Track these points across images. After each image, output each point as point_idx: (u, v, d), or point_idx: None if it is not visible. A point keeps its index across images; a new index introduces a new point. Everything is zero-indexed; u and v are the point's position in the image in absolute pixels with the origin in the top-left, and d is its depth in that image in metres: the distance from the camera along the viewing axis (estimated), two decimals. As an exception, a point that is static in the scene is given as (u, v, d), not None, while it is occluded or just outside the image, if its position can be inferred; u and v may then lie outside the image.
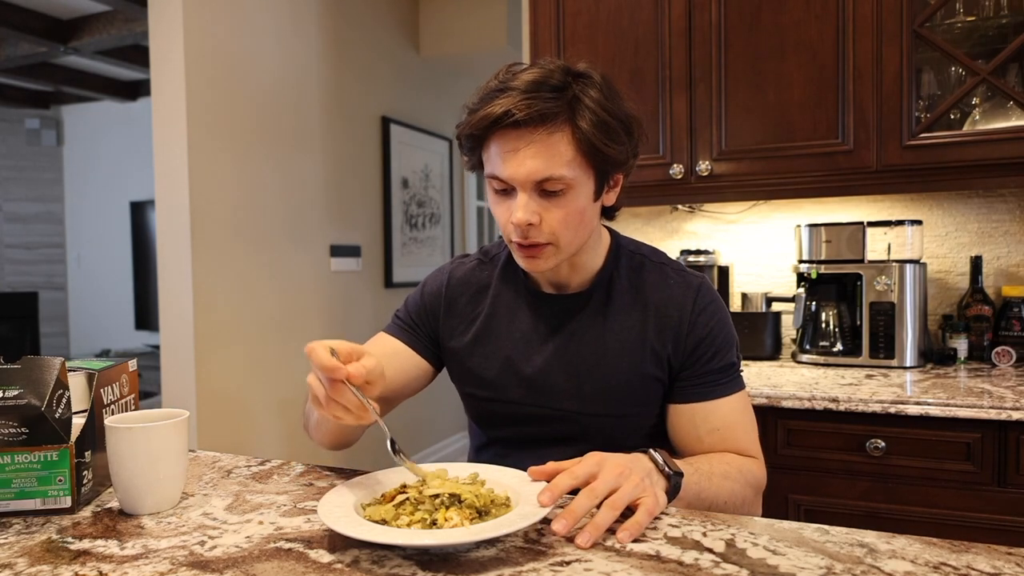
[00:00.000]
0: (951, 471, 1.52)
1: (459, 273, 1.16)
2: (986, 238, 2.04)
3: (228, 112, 2.68)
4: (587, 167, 0.95)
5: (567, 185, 0.94)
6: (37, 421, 0.83)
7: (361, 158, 3.49)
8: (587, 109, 0.92)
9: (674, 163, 2.03)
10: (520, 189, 0.94)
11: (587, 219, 0.99)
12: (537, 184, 0.93)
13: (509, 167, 0.93)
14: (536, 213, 0.95)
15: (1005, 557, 0.67)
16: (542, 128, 0.91)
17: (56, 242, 6.05)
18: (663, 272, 1.07)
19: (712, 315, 1.04)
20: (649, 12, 2.05)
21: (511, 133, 0.92)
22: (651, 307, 1.05)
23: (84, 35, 4.23)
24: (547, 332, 1.07)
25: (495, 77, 0.97)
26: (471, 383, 1.12)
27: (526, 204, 0.94)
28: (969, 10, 1.86)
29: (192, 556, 0.71)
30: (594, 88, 0.95)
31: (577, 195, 0.96)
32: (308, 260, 3.12)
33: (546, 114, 0.90)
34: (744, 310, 2.16)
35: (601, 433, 1.05)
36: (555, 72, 0.94)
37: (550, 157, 0.92)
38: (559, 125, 0.92)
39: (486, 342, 1.10)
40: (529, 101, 0.90)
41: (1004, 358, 1.87)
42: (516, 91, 0.91)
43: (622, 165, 0.99)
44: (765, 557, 0.68)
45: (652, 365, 1.03)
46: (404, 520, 0.74)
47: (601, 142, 0.93)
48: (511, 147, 0.92)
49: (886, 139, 1.82)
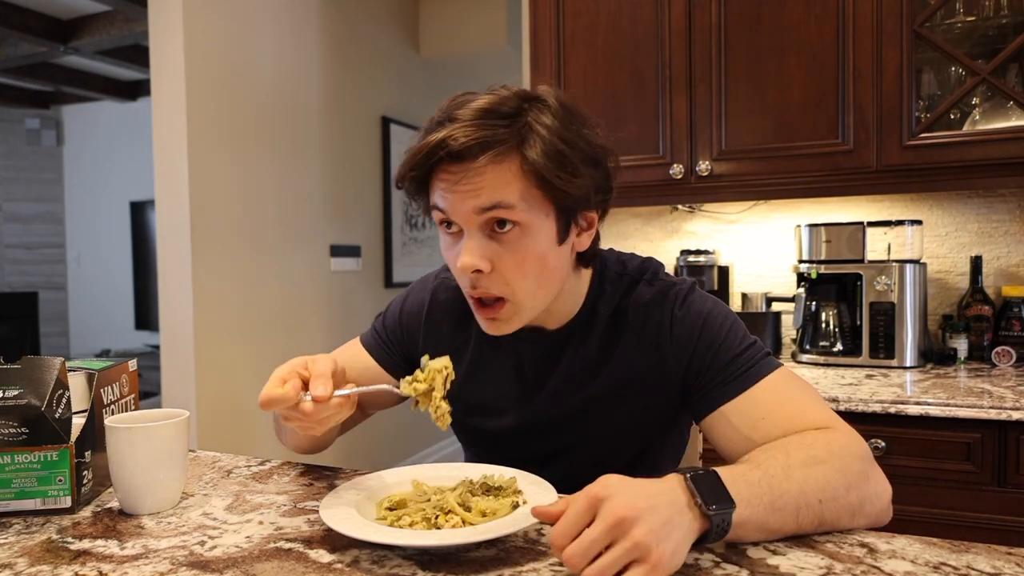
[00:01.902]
0: (951, 471, 1.52)
1: (442, 296, 1.06)
2: (986, 238, 2.04)
3: (228, 112, 2.68)
4: (544, 204, 0.83)
5: (519, 223, 0.82)
6: (37, 421, 0.83)
7: (361, 158, 3.49)
8: (538, 137, 0.80)
9: (674, 163, 2.03)
10: (466, 229, 0.83)
11: (550, 267, 0.86)
12: (485, 222, 0.82)
13: (449, 200, 0.82)
14: (486, 258, 0.83)
15: (1005, 557, 0.67)
16: (485, 158, 0.79)
17: (56, 242, 6.05)
18: (641, 292, 0.96)
19: (694, 319, 0.92)
20: (649, 12, 2.05)
21: (453, 166, 0.81)
22: (632, 333, 0.94)
23: (84, 35, 4.23)
24: (532, 374, 0.98)
25: (439, 108, 0.85)
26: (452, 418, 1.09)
27: (473, 247, 0.82)
28: (969, 10, 1.86)
29: (192, 556, 0.71)
30: (548, 114, 0.83)
31: (534, 237, 0.83)
32: (308, 260, 3.12)
33: (489, 142, 0.79)
34: (744, 310, 2.16)
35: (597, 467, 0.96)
36: (509, 99, 0.82)
37: (495, 187, 0.80)
38: (505, 154, 0.80)
39: (468, 382, 1.01)
40: (469, 130, 0.79)
41: (1004, 358, 1.87)
42: (458, 121, 0.80)
43: (585, 201, 0.86)
44: (765, 557, 0.68)
45: (641, 393, 0.94)
46: (405, 520, 0.75)
47: (553, 174, 0.80)
48: (453, 179, 0.81)
49: (886, 139, 1.82)
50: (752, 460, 0.75)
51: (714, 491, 0.66)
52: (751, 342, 0.91)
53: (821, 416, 0.84)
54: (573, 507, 0.62)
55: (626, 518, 0.60)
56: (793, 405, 0.85)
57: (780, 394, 0.87)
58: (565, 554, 0.60)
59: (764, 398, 0.86)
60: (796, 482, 0.71)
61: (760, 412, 0.85)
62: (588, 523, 0.61)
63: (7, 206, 5.96)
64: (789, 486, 0.71)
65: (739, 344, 0.90)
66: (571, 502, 0.63)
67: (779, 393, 0.87)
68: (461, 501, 0.76)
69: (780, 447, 0.77)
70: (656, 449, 1.03)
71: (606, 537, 0.60)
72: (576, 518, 0.62)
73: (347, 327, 3.33)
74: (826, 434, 0.81)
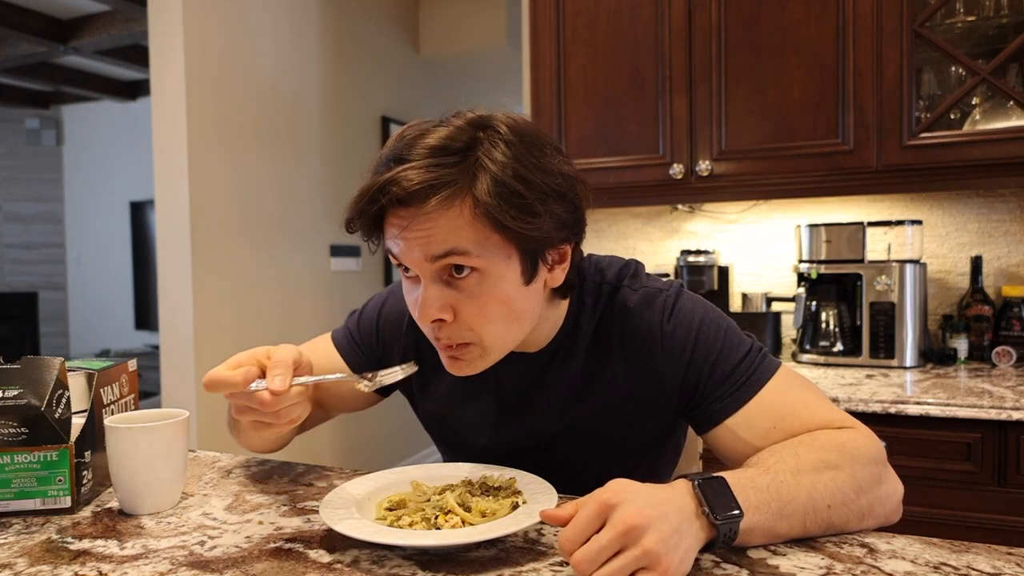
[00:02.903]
0: (951, 471, 1.52)
1: None
2: (986, 238, 2.04)
3: (228, 112, 2.68)
4: (503, 246, 0.76)
5: (476, 269, 0.76)
6: (37, 421, 0.83)
7: (361, 158, 3.49)
8: (489, 176, 0.73)
9: (674, 163, 2.03)
10: (422, 276, 0.78)
11: (518, 309, 0.80)
12: (440, 269, 0.76)
13: (400, 247, 0.77)
14: (446, 307, 0.77)
15: (1005, 557, 0.67)
16: (434, 201, 0.72)
17: (56, 242, 6.05)
18: (625, 298, 0.90)
19: (686, 330, 0.86)
20: (649, 12, 2.05)
21: (402, 211, 0.74)
22: (618, 347, 0.89)
23: (84, 35, 4.23)
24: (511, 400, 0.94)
25: (393, 139, 0.79)
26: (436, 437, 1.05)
27: (431, 297, 0.77)
28: (969, 10, 1.86)
29: (192, 556, 0.71)
30: (499, 146, 0.75)
31: (495, 282, 0.77)
32: (308, 260, 3.12)
33: (436, 185, 0.72)
34: (744, 310, 2.16)
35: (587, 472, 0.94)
36: (463, 130, 0.75)
37: (447, 233, 0.74)
38: (455, 196, 0.73)
39: (450, 403, 0.98)
40: (415, 172, 0.72)
41: (1004, 358, 1.87)
42: (406, 161, 0.74)
43: (548, 240, 0.78)
44: (765, 557, 0.68)
45: (634, 412, 0.91)
46: (405, 520, 0.75)
47: (507, 216, 0.73)
48: (402, 224, 0.75)
49: (886, 139, 1.82)
50: (761, 463, 0.73)
51: (722, 499, 0.65)
52: (748, 347, 0.87)
53: (830, 417, 0.82)
54: (583, 512, 0.62)
55: (636, 526, 0.59)
56: (803, 408, 0.83)
57: (786, 400, 0.84)
58: (574, 559, 0.60)
59: (771, 406, 0.83)
60: (805, 488, 0.70)
61: (767, 423, 0.82)
62: (597, 529, 0.60)
63: (7, 206, 5.96)
64: (798, 492, 0.69)
65: (736, 351, 0.86)
66: (580, 506, 0.62)
67: (785, 398, 0.84)
68: (461, 501, 0.76)
69: (790, 449, 0.75)
70: (650, 463, 1.00)
71: (616, 544, 0.59)
72: (586, 523, 0.61)
73: (347, 327, 3.33)
74: (839, 435, 0.78)
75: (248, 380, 0.74)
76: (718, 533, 0.64)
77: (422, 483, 0.84)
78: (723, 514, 0.64)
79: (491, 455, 0.94)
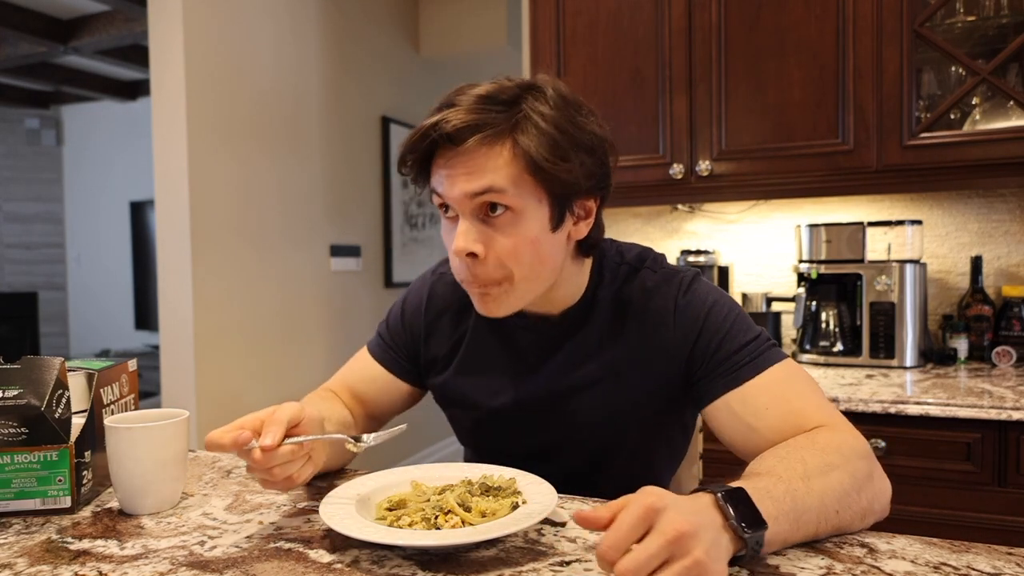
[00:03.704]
0: (951, 471, 1.52)
1: (439, 290, 1.07)
2: (986, 238, 2.04)
3: (228, 112, 2.68)
4: (536, 190, 0.84)
5: (510, 208, 0.84)
6: (37, 421, 0.83)
7: (361, 158, 3.49)
8: (532, 124, 0.83)
9: (674, 163, 2.03)
10: (461, 213, 0.85)
11: (544, 253, 0.87)
12: (477, 206, 0.84)
13: (444, 184, 0.85)
14: (479, 242, 0.85)
15: (1005, 557, 0.67)
16: (477, 141, 0.82)
17: (56, 242, 6.05)
18: (644, 278, 0.97)
19: (699, 306, 0.92)
20: (649, 12, 2.05)
21: (449, 151, 0.84)
22: (634, 321, 0.95)
23: (84, 35, 4.23)
24: (530, 359, 0.99)
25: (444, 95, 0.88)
26: (453, 405, 1.08)
27: (467, 230, 0.85)
28: (969, 10, 1.86)
29: (192, 556, 0.71)
30: (544, 102, 0.85)
31: (526, 222, 0.85)
32: (308, 260, 3.12)
33: (481, 126, 0.81)
34: (744, 310, 2.16)
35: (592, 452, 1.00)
36: (509, 87, 0.85)
37: (486, 172, 0.82)
38: (497, 139, 0.83)
39: (468, 368, 1.03)
40: (463, 114, 0.81)
41: (1004, 358, 1.87)
42: (456, 106, 0.83)
43: (578, 188, 0.87)
44: (765, 557, 0.68)
45: (647, 382, 0.95)
46: (405, 520, 0.74)
47: (544, 159, 0.82)
48: (448, 163, 0.84)
49: (886, 139, 1.82)
50: (772, 472, 0.72)
51: (748, 511, 0.63)
52: (757, 332, 0.91)
53: (823, 411, 0.85)
54: (626, 517, 0.56)
55: (687, 533, 0.55)
56: (798, 398, 0.86)
57: (785, 385, 0.87)
58: (619, 568, 0.54)
59: (769, 388, 0.87)
60: (817, 494, 0.70)
61: (764, 402, 0.86)
62: (641, 536, 0.56)
63: (7, 206, 5.96)
64: (811, 500, 0.69)
65: (745, 333, 0.91)
66: (618, 510, 0.58)
67: (784, 384, 0.87)
68: (461, 501, 0.76)
69: (795, 454, 0.75)
70: (652, 446, 1.02)
71: (665, 552, 0.55)
72: (630, 530, 0.56)
73: (347, 327, 3.33)
74: (834, 435, 0.80)
75: (237, 444, 0.73)
76: (747, 546, 0.62)
77: (422, 483, 0.85)
78: (752, 527, 0.62)
79: (503, 417, 1.00)
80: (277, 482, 0.76)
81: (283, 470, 0.76)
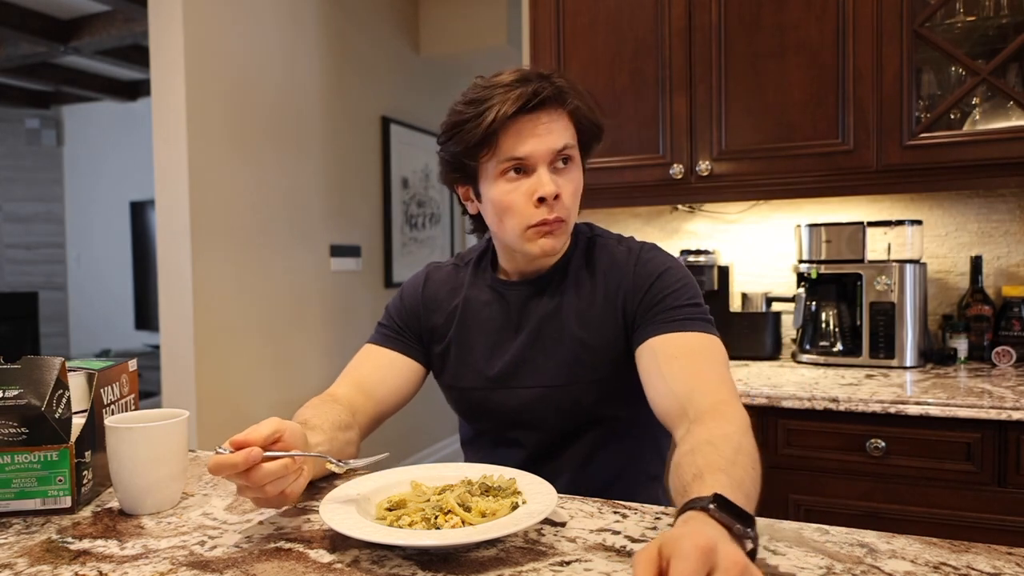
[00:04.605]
0: (951, 471, 1.52)
1: (436, 276, 1.20)
2: (986, 238, 2.04)
3: (228, 112, 2.68)
4: (579, 143, 1.06)
5: (572, 158, 1.04)
6: (37, 421, 0.83)
7: (361, 158, 3.49)
8: (570, 90, 1.03)
9: (674, 163, 2.03)
10: (540, 165, 1.01)
11: (580, 197, 1.08)
12: (554, 160, 1.01)
13: (530, 144, 0.99)
14: (559, 187, 1.01)
15: (1005, 557, 0.67)
16: (546, 107, 1.00)
17: (56, 242, 6.05)
18: (611, 245, 1.12)
19: (657, 265, 1.06)
20: (649, 12, 2.05)
21: (523, 118, 0.99)
22: (600, 276, 1.09)
23: (84, 35, 4.23)
24: (515, 317, 1.11)
25: (472, 89, 1.03)
26: (451, 375, 1.15)
27: (550, 180, 1.00)
28: (969, 10, 1.86)
29: (192, 556, 0.71)
30: (564, 78, 1.04)
31: (579, 168, 1.07)
32: (308, 260, 3.12)
33: (548, 97, 0.99)
34: (744, 310, 2.16)
35: (577, 404, 1.07)
36: (527, 71, 1.03)
37: (562, 131, 1.02)
38: (556, 106, 1.01)
39: (464, 335, 1.14)
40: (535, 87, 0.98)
41: (1004, 358, 1.87)
42: (509, 86, 0.99)
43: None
44: (765, 557, 0.68)
45: (610, 328, 1.06)
46: (405, 520, 0.75)
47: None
48: (530, 126, 0.99)
49: (886, 139, 1.82)
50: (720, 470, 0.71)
51: (740, 514, 0.62)
52: (701, 303, 1.03)
53: (724, 387, 0.92)
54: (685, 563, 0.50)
55: (747, 565, 0.51)
56: (707, 366, 0.95)
57: (702, 352, 0.97)
58: None
59: (688, 345, 0.97)
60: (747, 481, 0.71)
61: (676, 351, 0.96)
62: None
63: (7, 206, 5.95)
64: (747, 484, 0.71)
65: (690, 299, 1.03)
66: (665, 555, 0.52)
67: (702, 351, 0.97)
68: (461, 501, 0.77)
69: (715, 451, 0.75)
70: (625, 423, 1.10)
71: None
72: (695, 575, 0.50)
73: (347, 327, 3.33)
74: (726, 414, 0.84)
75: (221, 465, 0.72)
76: (755, 549, 0.62)
77: (422, 483, 0.85)
78: (753, 529, 0.62)
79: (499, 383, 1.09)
80: (271, 499, 0.76)
81: (275, 487, 0.75)
